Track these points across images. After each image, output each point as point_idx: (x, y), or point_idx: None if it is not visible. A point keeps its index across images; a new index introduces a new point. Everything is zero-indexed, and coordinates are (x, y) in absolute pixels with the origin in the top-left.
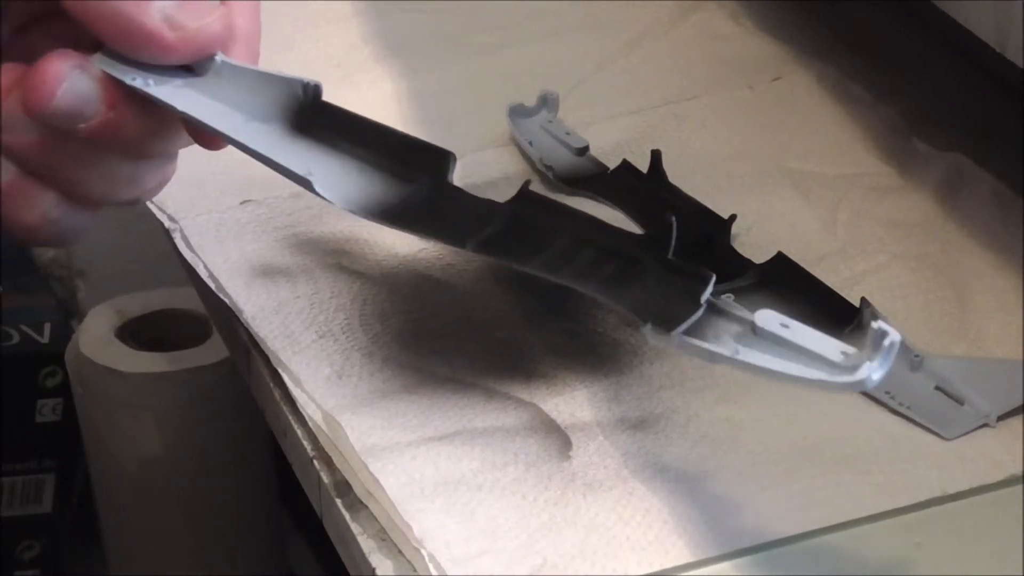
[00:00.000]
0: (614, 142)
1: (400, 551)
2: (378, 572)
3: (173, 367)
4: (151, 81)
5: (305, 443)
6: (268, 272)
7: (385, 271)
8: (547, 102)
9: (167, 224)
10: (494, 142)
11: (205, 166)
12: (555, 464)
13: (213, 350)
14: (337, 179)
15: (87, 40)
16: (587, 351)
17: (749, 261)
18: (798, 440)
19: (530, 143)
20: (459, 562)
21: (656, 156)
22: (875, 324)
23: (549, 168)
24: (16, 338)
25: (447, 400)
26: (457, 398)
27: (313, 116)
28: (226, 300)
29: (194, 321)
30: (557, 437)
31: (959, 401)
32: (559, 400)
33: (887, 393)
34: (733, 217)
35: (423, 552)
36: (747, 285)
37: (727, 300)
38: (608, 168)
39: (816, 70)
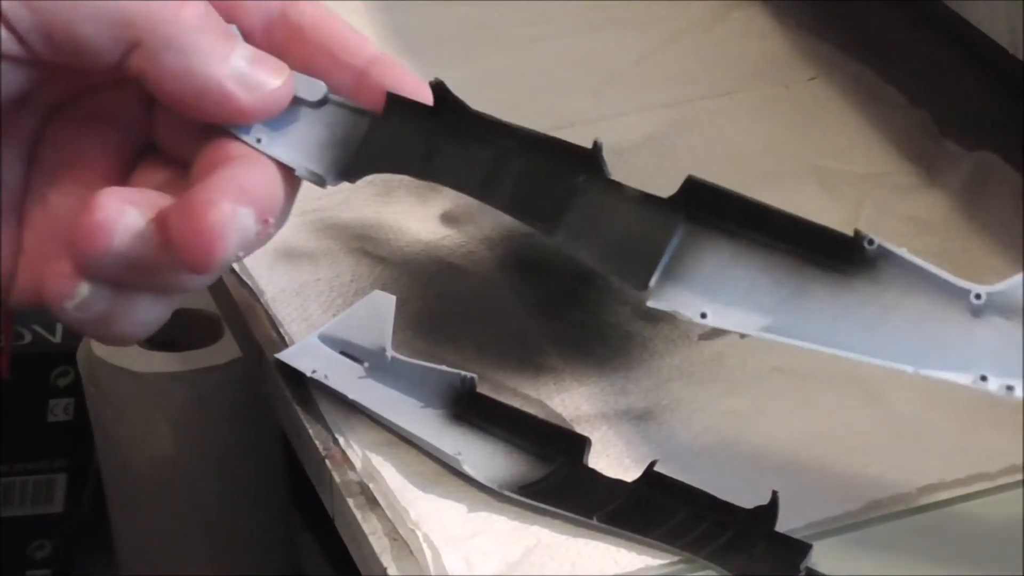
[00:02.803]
0: (645, 134)
1: (406, 543)
2: (390, 572)
3: (185, 367)
4: (328, 375)
5: (317, 443)
6: (292, 255)
7: (407, 257)
8: None
9: None
10: None
11: None
12: None
13: (225, 350)
14: (485, 459)
15: (124, 122)
16: (598, 343)
17: (646, 195)
18: (801, 433)
19: (258, 141)
20: (454, 542)
21: (438, 85)
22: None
23: (318, 176)
24: (28, 337)
25: None
26: None
27: (468, 404)
28: (248, 282)
29: (206, 321)
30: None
31: None
32: (565, 396)
33: (982, 379)
34: (599, 144)
35: (418, 533)
36: (679, 244)
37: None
38: (374, 114)
39: (853, 71)
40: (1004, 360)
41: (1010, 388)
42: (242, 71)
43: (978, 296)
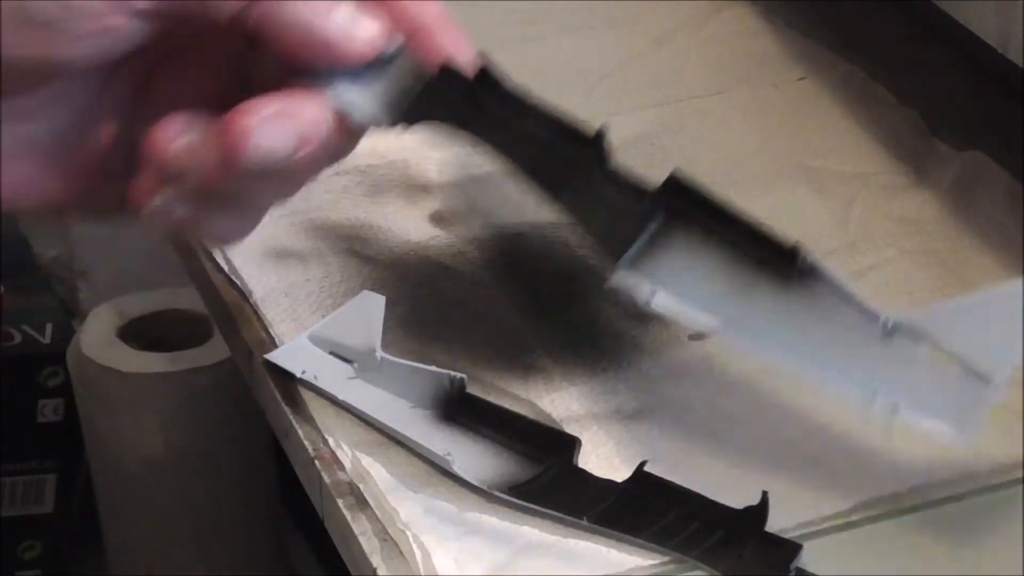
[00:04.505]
0: (636, 134)
1: (395, 543)
2: (380, 573)
3: (174, 367)
4: (317, 375)
5: (307, 443)
6: (281, 255)
7: (396, 257)
8: None
9: None
10: None
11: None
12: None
13: (214, 350)
14: (475, 460)
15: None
16: (588, 343)
17: (634, 184)
18: (792, 434)
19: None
20: (443, 542)
21: (483, 59)
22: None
23: (376, 118)
24: (18, 338)
25: None
26: None
27: (458, 404)
28: (237, 282)
29: (195, 321)
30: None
31: (957, 370)
32: (555, 396)
33: (873, 394)
34: (603, 130)
35: (408, 534)
36: (653, 237)
37: None
38: (432, 74)
39: (842, 70)
40: (898, 380)
41: (894, 407)
42: (345, 22)
43: (887, 322)
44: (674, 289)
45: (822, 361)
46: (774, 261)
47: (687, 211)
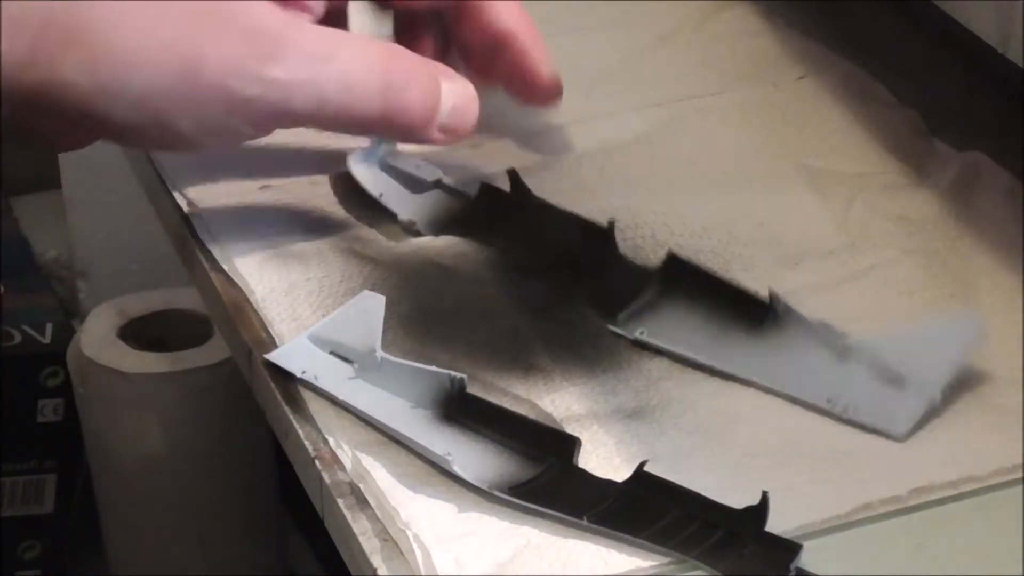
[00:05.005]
0: (636, 133)
1: (395, 543)
2: (380, 573)
3: (174, 367)
4: (317, 375)
5: (307, 443)
6: (281, 255)
7: (397, 257)
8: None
9: (187, 209)
10: (515, 131)
11: (225, 152)
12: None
13: (214, 350)
14: (475, 460)
15: None
16: (588, 342)
17: (641, 267)
18: (790, 434)
19: (380, 195)
20: (444, 542)
21: (513, 174)
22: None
23: (412, 223)
24: (18, 338)
25: None
26: None
27: (458, 404)
28: (238, 281)
29: (195, 321)
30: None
31: (898, 384)
32: (555, 396)
33: (828, 401)
34: (612, 223)
35: (408, 533)
36: (649, 300)
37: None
38: (469, 196)
39: (843, 70)
40: (851, 389)
41: (846, 409)
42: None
43: (841, 347)
44: (661, 339)
45: (786, 380)
46: (748, 311)
47: (678, 283)
